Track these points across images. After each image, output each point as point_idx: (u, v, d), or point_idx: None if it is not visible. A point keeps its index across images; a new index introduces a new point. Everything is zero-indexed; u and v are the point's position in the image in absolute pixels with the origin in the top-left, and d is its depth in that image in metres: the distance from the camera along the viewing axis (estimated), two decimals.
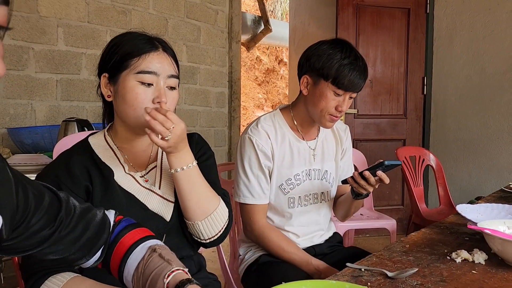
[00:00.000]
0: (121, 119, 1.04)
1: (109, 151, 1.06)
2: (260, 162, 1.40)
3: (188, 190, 1.00)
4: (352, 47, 1.37)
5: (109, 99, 1.03)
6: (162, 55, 1.02)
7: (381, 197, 3.69)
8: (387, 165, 1.27)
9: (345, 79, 1.32)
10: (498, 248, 0.99)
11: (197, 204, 1.01)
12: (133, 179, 1.04)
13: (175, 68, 1.04)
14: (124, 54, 0.99)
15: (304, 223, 1.49)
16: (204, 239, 1.04)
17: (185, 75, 3.64)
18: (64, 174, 0.98)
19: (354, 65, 1.32)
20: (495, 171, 3.41)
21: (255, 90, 9.47)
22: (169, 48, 1.05)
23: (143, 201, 1.03)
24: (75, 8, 2.84)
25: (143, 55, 0.99)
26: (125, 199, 1.01)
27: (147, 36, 1.04)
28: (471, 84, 3.53)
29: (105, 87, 1.03)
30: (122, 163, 1.05)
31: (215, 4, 3.85)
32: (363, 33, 3.59)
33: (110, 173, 1.02)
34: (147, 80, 0.98)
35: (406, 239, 1.20)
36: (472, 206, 1.39)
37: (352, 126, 3.60)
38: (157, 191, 1.05)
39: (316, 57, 1.36)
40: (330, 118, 1.39)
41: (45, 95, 2.72)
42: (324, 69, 1.34)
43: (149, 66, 0.99)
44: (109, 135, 1.08)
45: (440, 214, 2.67)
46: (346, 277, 0.92)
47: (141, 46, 1.00)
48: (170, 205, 1.05)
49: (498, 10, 3.34)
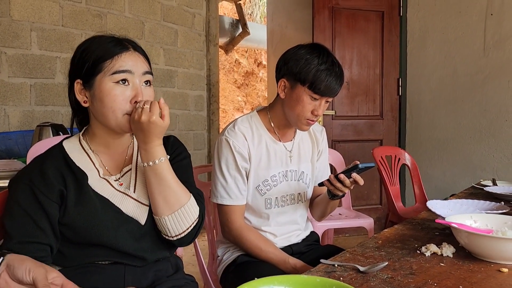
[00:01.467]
0: (100, 123, 1.04)
1: (83, 155, 1.06)
2: (237, 163, 1.41)
3: (156, 183, 1.01)
4: (330, 53, 1.40)
5: (85, 105, 1.04)
6: (134, 54, 1.03)
7: (360, 196, 3.75)
8: (361, 168, 1.30)
9: (321, 84, 1.34)
10: (465, 241, 1.03)
11: (164, 199, 1.01)
12: (107, 183, 1.04)
13: (147, 65, 1.06)
14: (96, 58, 1.00)
15: (281, 223, 1.51)
16: (171, 236, 1.03)
17: (163, 78, 3.62)
18: (38, 178, 0.98)
19: (330, 70, 1.35)
20: (468, 169, 3.51)
21: (234, 93, 9.48)
22: (139, 47, 1.06)
23: (118, 205, 1.03)
24: (49, 11, 2.80)
25: (115, 57, 1.00)
26: (100, 203, 1.01)
27: (116, 38, 1.05)
28: (444, 85, 3.63)
29: (80, 93, 1.03)
30: (97, 167, 1.05)
31: (192, 7, 3.86)
32: (339, 36, 3.65)
33: (83, 177, 1.02)
34: (122, 77, 0.99)
35: (379, 235, 1.23)
36: (442, 202, 1.43)
37: (330, 127, 3.65)
38: (131, 195, 1.05)
39: (294, 61, 1.38)
40: (307, 122, 1.42)
41: (19, 100, 2.67)
42: (301, 73, 1.36)
43: (122, 66, 1.00)
44: (84, 139, 1.08)
45: (416, 212, 2.72)
46: (319, 272, 0.94)
47: (112, 48, 1.01)
48: (145, 208, 1.05)
49: (468, 13, 3.45)
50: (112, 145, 1.08)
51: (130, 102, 0.99)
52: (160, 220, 1.02)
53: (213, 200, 1.45)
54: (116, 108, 0.98)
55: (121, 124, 1.00)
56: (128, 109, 1.00)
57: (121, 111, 0.99)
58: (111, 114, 0.99)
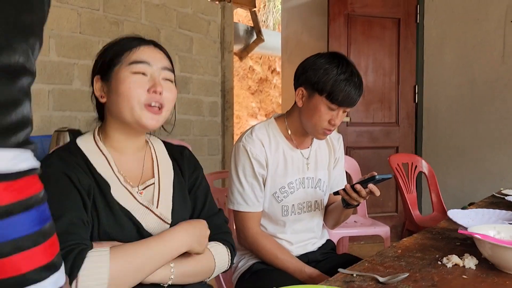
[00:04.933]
0: (114, 117, 0.99)
1: (101, 158, 0.98)
2: (254, 170, 1.40)
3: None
4: (349, 63, 1.37)
5: (103, 100, 1.00)
6: (153, 49, 1.01)
7: (375, 204, 3.70)
8: (378, 179, 1.28)
9: (339, 95, 1.32)
10: (488, 253, 1.00)
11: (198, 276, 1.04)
12: (129, 194, 0.98)
13: (169, 63, 1.03)
14: (115, 52, 0.98)
15: (298, 231, 1.49)
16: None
17: (178, 85, 3.61)
18: (68, 169, 0.91)
19: (349, 81, 1.33)
20: (487, 178, 3.44)
21: (248, 99, 9.49)
22: (161, 46, 1.05)
23: (139, 220, 0.97)
24: (67, 19, 2.84)
25: (134, 49, 0.98)
26: (123, 215, 0.95)
27: (139, 36, 1.03)
28: (461, 92, 3.57)
29: (98, 90, 1.01)
30: (116, 173, 0.98)
31: (207, 15, 3.88)
32: (354, 43, 3.63)
33: (107, 187, 0.95)
34: (140, 69, 0.96)
35: (398, 244, 1.20)
36: (463, 211, 1.40)
37: (345, 134, 3.62)
38: (154, 210, 1.00)
39: (313, 70, 1.36)
40: (324, 131, 1.40)
41: (37, 106, 2.71)
42: (319, 83, 1.34)
43: (140, 57, 0.97)
44: (99, 139, 1.01)
45: (433, 220, 2.67)
46: (338, 282, 0.92)
47: (131, 42, 1.00)
48: (166, 226, 1.00)
49: (486, 20, 3.39)
50: (125, 149, 1.03)
51: (148, 91, 0.95)
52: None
53: (230, 206, 1.44)
54: (131, 96, 0.94)
55: (136, 115, 0.95)
56: (145, 98, 0.95)
57: (137, 100, 0.94)
58: (126, 103, 0.94)
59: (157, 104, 0.97)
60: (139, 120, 0.96)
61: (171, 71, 1.03)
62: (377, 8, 3.66)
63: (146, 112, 0.96)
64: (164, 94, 0.98)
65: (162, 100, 0.97)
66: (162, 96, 0.97)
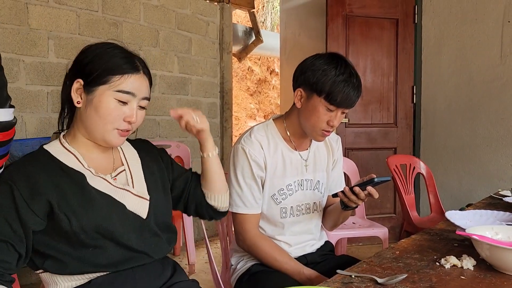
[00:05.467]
0: (86, 128, 1.05)
1: (70, 157, 1.04)
2: (252, 171, 1.40)
3: (219, 168, 1.24)
4: (348, 64, 1.37)
5: (78, 105, 1.03)
6: (142, 78, 1.06)
7: (373, 205, 3.71)
8: (377, 182, 1.28)
9: (338, 96, 1.32)
10: (486, 254, 1.00)
11: (223, 181, 1.27)
12: (104, 180, 1.05)
13: (149, 91, 1.10)
14: (106, 69, 1.01)
15: (296, 232, 1.49)
16: (224, 207, 1.30)
17: (177, 86, 3.65)
18: (22, 181, 0.95)
19: (348, 82, 1.32)
20: (485, 178, 3.45)
21: (247, 101, 9.50)
22: (147, 70, 1.09)
23: (121, 201, 1.05)
24: (66, 20, 2.85)
25: (125, 75, 1.02)
26: (103, 199, 1.02)
27: (130, 54, 1.06)
28: (459, 93, 3.58)
29: (76, 92, 1.03)
30: (87, 167, 1.05)
31: (206, 16, 3.89)
32: (352, 43, 3.64)
33: (82, 177, 1.02)
34: (124, 99, 1.02)
35: (396, 245, 1.21)
36: (461, 212, 1.40)
37: (344, 135, 3.63)
38: (132, 190, 1.08)
39: (311, 71, 1.36)
40: (322, 132, 1.40)
41: (36, 107, 2.71)
42: (318, 84, 1.34)
43: (129, 87, 1.03)
44: (66, 141, 1.07)
45: (431, 221, 2.68)
46: (336, 283, 0.92)
47: (124, 66, 1.03)
48: (146, 202, 1.09)
49: (484, 20, 3.40)
50: (95, 149, 1.08)
51: (124, 120, 1.03)
52: (220, 196, 1.26)
53: (228, 208, 1.44)
54: (108, 120, 1.01)
55: (106, 137, 1.03)
56: (118, 125, 1.03)
57: (113, 125, 1.02)
58: (101, 124, 1.02)
59: (128, 130, 1.06)
60: (107, 139, 1.04)
61: (148, 99, 1.09)
62: (375, 8, 3.66)
63: (115, 134, 1.04)
64: (137, 122, 1.06)
65: (133, 127, 1.07)
66: (134, 124, 1.06)
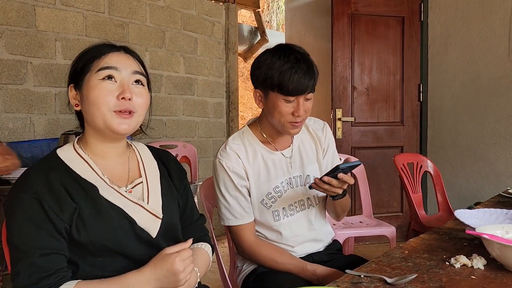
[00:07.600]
0: (90, 126, 1.01)
1: (84, 165, 0.99)
2: (234, 183, 1.38)
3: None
4: (292, 50, 1.33)
5: (77, 108, 1.02)
6: (122, 54, 1.02)
7: (380, 204, 3.70)
8: (344, 168, 1.25)
9: (289, 85, 1.29)
10: (497, 253, 1.00)
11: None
12: (117, 192, 1.00)
13: (139, 66, 1.03)
14: (86, 59, 1.00)
15: (296, 232, 1.47)
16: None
17: (183, 86, 3.66)
18: (46, 192, 0.91)
19: (294, 68, 1.29)
20: (493, 177, 3.43)
21: (252, 100, 9.49)
22: (133, 51, 1.05)
23: (132, 216, 0.99)
24: (73, 22, 2.86)
25: (103, 56, 0.99)
26: (114, 212, 0.97)
27: (110, 42, 1.04)
28: (466, 91, 3.56)
29: (74, 98, 1.02)
30: (101, 176, 1.00)
31: (211, 16, 3.89)
32: (358, 42, 3.63)
33: (94, 189, 0.96)
34: (107, 74, 0.96)
35: (405, 245, 1.20)
36: (470, 211, 1.39)
37: (350, 134, 3.62)
38: (145, 206, 1.02)
39: (258, 69, 1.35)
40: (291, 125, 1.36)
41: (44, 109, 2.73)
42: (267, 80, 1.32)
43: (108, 62, 0.98)
44: (79, 147, 1.03)
45: (439, 220, 2.67)
46: (345, 283, 0.92)
47: (101, 49, 1.01)
48: (158, 221, 1.03)
49: (491, 17, 3.38)
50: (107, 155, 1.03)
51: (117, 98, 0.96)
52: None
53: (222, 223, 1.44)
54: (101, 103, 0.95)
55: (108, 122, 0.96)
56: (114, 105, 0.96)
57: (107, 106, 0.95)
58: (96, 111, 0.96)
59: (127, 110, 0.97)
60: (110, 126, 0.97)
61: (141, 73, 1.02)
62: (380, 7, 3.65)
63: (116, 118, 0.97)
64: (134, 100, 0.98)
65: (132, 107, 0.98)
66: (132, 102, 0.98)
